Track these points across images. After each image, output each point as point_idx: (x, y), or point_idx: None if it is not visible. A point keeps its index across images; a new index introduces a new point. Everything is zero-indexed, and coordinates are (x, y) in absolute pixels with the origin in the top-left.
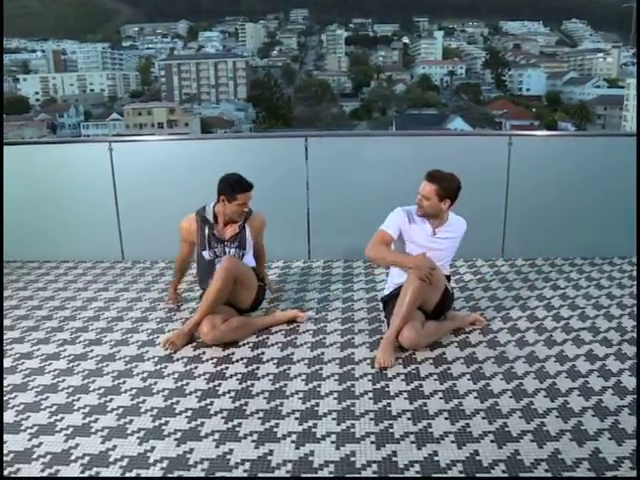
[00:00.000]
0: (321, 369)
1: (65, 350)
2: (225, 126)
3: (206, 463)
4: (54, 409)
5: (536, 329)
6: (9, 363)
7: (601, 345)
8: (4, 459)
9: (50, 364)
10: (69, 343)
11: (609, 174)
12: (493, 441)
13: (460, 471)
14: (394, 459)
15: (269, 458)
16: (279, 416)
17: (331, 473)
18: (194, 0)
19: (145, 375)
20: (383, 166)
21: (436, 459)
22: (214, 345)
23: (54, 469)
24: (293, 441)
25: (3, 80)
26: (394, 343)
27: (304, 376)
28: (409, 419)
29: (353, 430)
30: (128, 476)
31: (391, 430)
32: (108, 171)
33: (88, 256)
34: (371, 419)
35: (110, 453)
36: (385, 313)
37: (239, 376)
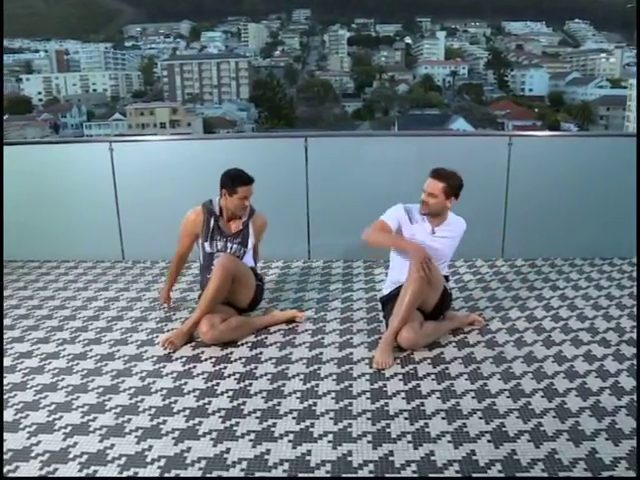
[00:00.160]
0: (319, 369)
1: (64, 349)
2: (227, 126)
3: (203, 462)
4: (53, 408)
5: (535, 329)
6: (9, 362)
7: (599, 346)
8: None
9: (49, 363)
10: (69, 342)
11: (609, 174)
12: (490, 441)
13: (457, 471)
14: (391, 459)
15: (266, 457)
16: (276, 415)
17: (328, 472)
18: (196, 0)
19: (144, 374)
20: (384, 166)
21: (433, 459)
22: (213, 344)
23: (52, 467)
24: (290, 440)
25: (3, 80)
26: (392, 344)
27: (302, 376)
28: (406, 419)
29: (350, 430)
30: (126, 475)
31: (388, 430)
32: (109, 171)
33: (89, 256)
34: (368, 419)
35: (108, 452)
36: (384, 313)
37: (237, 376)
